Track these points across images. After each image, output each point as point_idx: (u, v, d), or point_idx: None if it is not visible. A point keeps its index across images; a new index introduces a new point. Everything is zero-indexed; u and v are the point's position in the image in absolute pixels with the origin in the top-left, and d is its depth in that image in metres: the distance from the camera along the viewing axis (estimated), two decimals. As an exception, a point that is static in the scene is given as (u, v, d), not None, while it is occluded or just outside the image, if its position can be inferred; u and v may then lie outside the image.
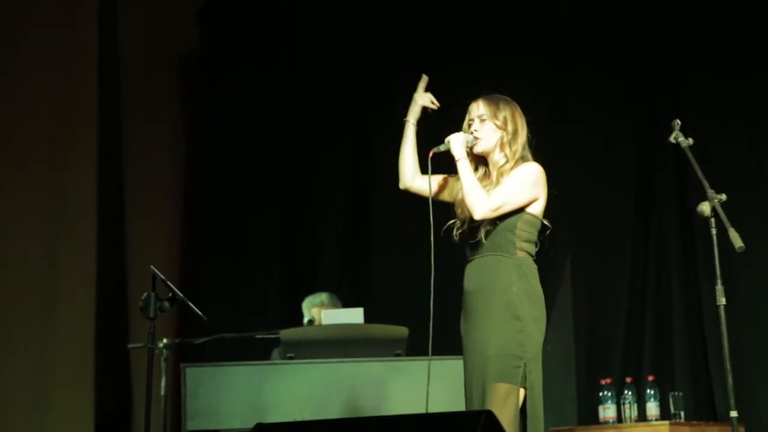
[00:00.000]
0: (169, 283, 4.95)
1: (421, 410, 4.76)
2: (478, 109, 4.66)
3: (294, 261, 7.70)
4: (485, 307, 4.49)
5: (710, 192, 4.67)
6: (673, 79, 7.23)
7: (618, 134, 7.29)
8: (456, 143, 4.61)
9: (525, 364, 4.41)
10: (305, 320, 6.37)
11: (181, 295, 4.99)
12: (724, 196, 4.65)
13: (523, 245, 4.54)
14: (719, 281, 4.65)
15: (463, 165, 4.58)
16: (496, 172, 4.61)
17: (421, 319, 4.68)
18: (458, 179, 4.62)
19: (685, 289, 7.01)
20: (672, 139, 4.82)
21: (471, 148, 4.62)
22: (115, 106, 7.36)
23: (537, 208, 4.58)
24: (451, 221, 4.67)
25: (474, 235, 4.58)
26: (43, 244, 6.97)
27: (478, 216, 4.52)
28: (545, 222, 4.62)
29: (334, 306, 6.47)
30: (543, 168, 4.62)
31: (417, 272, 4.85)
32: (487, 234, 4.54)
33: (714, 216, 4.64)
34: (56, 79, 7.09)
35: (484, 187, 4.58)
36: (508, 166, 4.60)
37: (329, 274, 7.50)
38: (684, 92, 7.16)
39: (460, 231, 4.63)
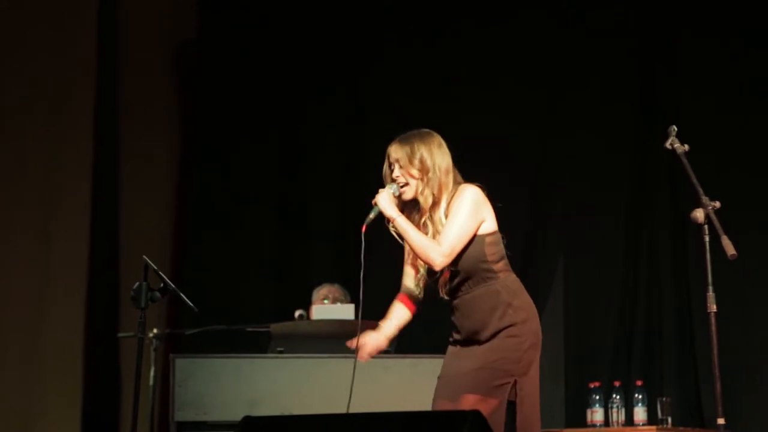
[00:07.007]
0: (161, 273, 4.96)
1: (409, 408, 4.77)
2: (395, 153, 4.51)
3: (287, 254, 7.70)
4: (486, 333, 4.44)
5: (704, 199, 4.65)
6: (669, 84, 7.26)
7: (612, 139, 7.31)
8: (384, 203, 4.47)
9: (516, 381, 4.40)
10: (296, 314, 6.36)
11: (172, 285, 5.00)
12: (718, 204, 4.64)
13: (499, 266, 4.49)
14: (711, 288, 4.65)
15: (400, 223, 4.46)
16: (428, 214, 4.50)
17: (414, 318, 4.69)
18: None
19: (676, 294, 7.04)
20: (668, 145, 4.80)
21: (399, 197, 4.50)
22: (112, 93, 7.36)
23: (489, 227, 4.50)
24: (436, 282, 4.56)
25: (448, 281, 4.51)
26: (36, 232, 6.97)
27: (438, 268, 4.44)
28: (501, 235, 4.54)
29: (344, 297, 6.44)
30: (482, 187, 4.53)
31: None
32: (463, 273, 4.47)
33: (707, 223, 4.64)
34: (56, 63, 7.11)
35: (425, 229, 4.48)
36: (440, 205, 4.48)
37: (323, 269, 7.50)
38: (679, 98, 7.18)
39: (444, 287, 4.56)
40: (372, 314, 6.12)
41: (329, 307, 6.04)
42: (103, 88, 7.21)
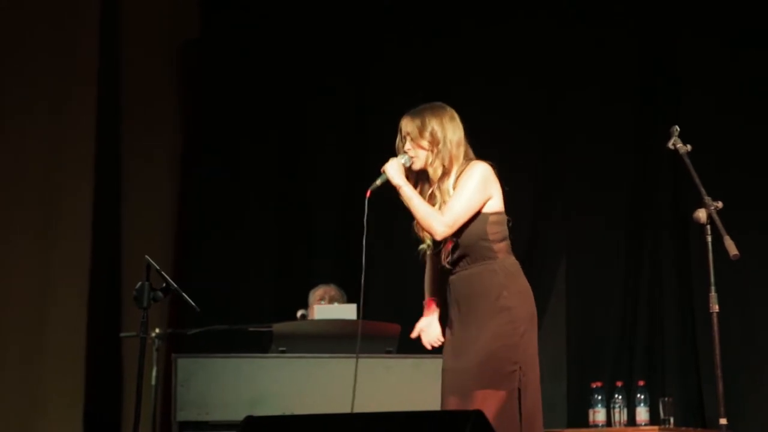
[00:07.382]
0: (163, 273, 4.96)
1: (411, 407, 4.76)
2: (406, 126, 4.56)
3: (287, 254, 7.69)
4: (480, 315, 4.44)
5: (707, 199, 4.66)
6: (669, 84, 7.27)
7: (612, 139, 7.32)
8: (392, 171, 4.51)
9: (520, 367, 4.40)
10: (298, 314, 6.37)
11: (174, 285, 5.00)
12: (720, 204, 4.65)
13: (500, 246, 4.49)
14: (713, 288, 4.66)
15: (406, 191, 4.49)
16: (437, 184, 4.53)
17: (416, 317, 4.69)
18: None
19: (678, 294, 7.04)
20: (670, 145, 4.81)
21: (410, 167, 4.54)
22: (113, 93, 7.36)
23: (495, 206, 4.51)
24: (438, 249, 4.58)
25: (449, 252, 4.52)
26: (36, 232, 6.97)
27: (439, 237, 4.46)
28: (507, 217, 4.56)
29: (341, 297, 6.46)
30: (493, 165, 4.56)
31: (412, 270, 4.85)
32: (463, 248, 4.49)
33: (710, 223, 4.64)
34: (56, 63, 7.12)
35: (433, 200, 4.52)
36: (450, 176, 4.51)
37: (323, 269, 7.50)
38: (679, 98, 7.19)
39: (446, 257, 4.56)
40: (374, 313, 6.14)
41: (331, 307, 6.04)
42: (104, 88, 7.21)
